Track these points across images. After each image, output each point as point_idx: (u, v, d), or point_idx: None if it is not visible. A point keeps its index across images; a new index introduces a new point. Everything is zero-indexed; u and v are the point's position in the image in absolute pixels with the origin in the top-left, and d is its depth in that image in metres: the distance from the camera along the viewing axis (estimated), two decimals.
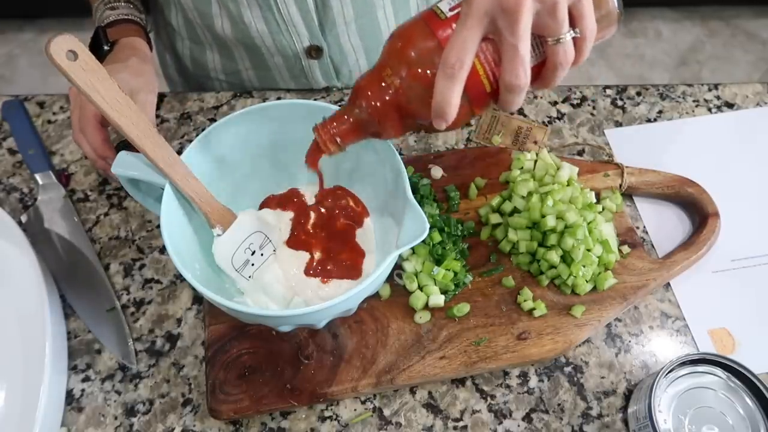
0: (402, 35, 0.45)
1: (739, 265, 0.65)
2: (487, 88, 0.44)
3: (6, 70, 2.17)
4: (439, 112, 0.43)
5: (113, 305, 0.62)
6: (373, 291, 0.54)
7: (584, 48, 0.45)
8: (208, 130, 0.56)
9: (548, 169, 0.65)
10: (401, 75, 0.44)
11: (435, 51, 0.43)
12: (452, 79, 0.42)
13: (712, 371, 0.53)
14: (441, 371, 0.56)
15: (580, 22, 0.43)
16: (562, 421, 0.56)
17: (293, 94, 0.78)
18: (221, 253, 0.56)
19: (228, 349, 0.57)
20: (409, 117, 0.47)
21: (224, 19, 0.72)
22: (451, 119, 0.44)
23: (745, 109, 0.77)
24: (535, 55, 0.44)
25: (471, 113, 0.46)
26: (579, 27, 0.43)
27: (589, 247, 0.59)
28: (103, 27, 0.71)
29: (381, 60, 0.46)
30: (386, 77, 0.45)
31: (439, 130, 0.45)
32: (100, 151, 0.64)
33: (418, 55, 0.44)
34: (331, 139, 0.48)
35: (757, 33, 2.24)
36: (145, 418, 0.57)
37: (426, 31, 0.44)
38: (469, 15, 0.41)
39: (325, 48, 0.74)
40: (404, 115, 0.46)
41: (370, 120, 0.47)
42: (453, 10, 0.44)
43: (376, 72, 0.46)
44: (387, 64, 0.45)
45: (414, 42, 0.44)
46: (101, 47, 0.70)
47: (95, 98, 0.47)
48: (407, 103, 0.45)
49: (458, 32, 0.42)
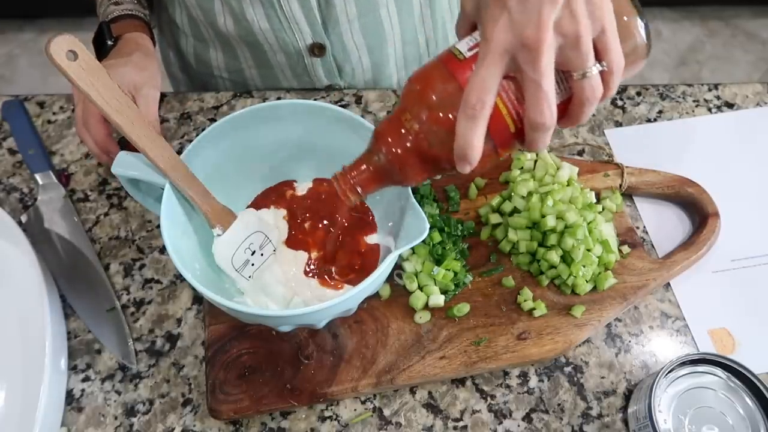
0: (420, 78, 0.44)
1: (739, 265, 0.65)
2: (511, 128, 0.42)
3: (6, 70, 2.17)
4: (462, 155, 0.41)
5: (113, 305, 0.62)
6: (373, 291, 0.54)
7: (612, 81, 0.42)
8: (208, 130, 0.56)
9: (548, 169, 0.65)
10: (421, 119, 0.43)
11: (455, 93, 0.41)
12: (474, 120, 0.40)
13: (712, 371, 0.53)
14: (441, 371, 0.56)
15: (606, 54, 0.41)
16: (562, 421, 0.56)
17: (293, 94, 0.78)
18: (221, 253, 0.56)
19: (228, 349, 0.57)
20: (431, 162, 0.45)
21: (227, 17, 0.72)
22: (475, 162, 0.42)
23: (745, 109, 0.77)
24: (560, 92, 0.42)
25: (495, 155, 0.44)
26: (605, 60, 0.41)
27: (589, 247, 0.59)
28: (107, 22, 0.71)
29: (400, 105, 0.44)
30: (405, 122, 0.43)
31: (463, 173, 0.43)
32: (102, 145, 0.65)
33: (438, 98, 0.42)
34: (352, 189, 0.47)
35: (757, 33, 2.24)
36: (145, 418, 0.57)
37: (444, 72, 0.42)
38: (488, 53, 0.40)
39: (328, 46, 0.75)
40: (426, 161, 0.45)
41: (391, 167, 0.45)
42: (471, 50, 0.42)
43: (395, 117, 0.44)
44: (406, 108, 0.44)
45: (433, 85, 0.43)
46: (105, 42, 0.70)
47: (95, 98, 0.47)
48: (429, 148, 0.43)
49: (477, 72, 0.40)
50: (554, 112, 0.41)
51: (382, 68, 0.80)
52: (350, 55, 0.77)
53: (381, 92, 0.78)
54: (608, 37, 0.41)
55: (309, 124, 0.59)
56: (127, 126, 0.49)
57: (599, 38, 0.41)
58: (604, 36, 0.41)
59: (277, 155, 0.61)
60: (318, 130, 0.59)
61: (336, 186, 0.47)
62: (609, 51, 0.41)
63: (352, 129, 0.56)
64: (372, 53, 0.78)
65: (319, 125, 0.58)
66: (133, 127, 0.49)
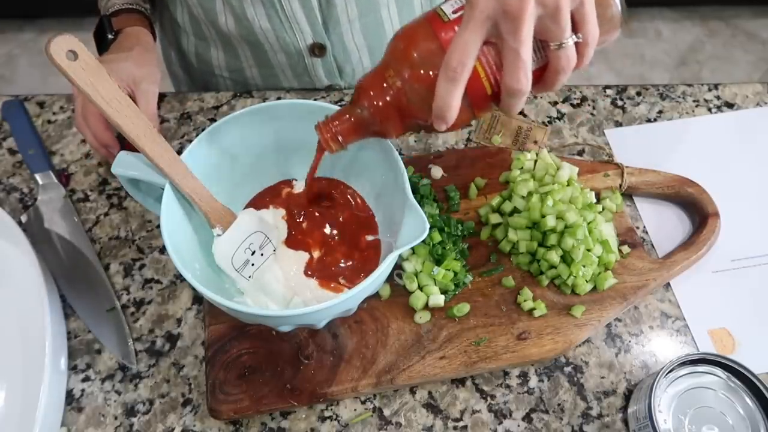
0: (405, 36, 0.45)
1: (739, 265, 0.65)
2: (488, 91, 0.45)
3: (6, 70, 2.17)
4: (440, 114, 0.43)
5: (113, 305, 0.62)
6: (373, 291, 0.54)
7: (586, 53, 0.44)
8: (208, 130, 0.56)
9: (548, 169, 0.65)
10: (403, 76, 0.45)
11: (437, 53, 0.43)
12: (453, 81, 0.42)
13: (712, 371, 0.53)
14: (441, 371, 0.56)
15: (582, 26, 0.43)
16: (562, 421, 0.56)
17: (293, 94, 0.78)
18: (221, 253, 0.56)
19: (228, 349, 0.57)
20: (410, 117, 0.47)
21: (228, 16, 0.72)
22: (451, 121, 0.44)
23: (745, 109, 0.77)
24: (536, 59, 0.44)
25: (472, 115, 0.47)
26: (581, 32, 0.43)
27: (589, 247, 0.59)
28: (108, 16, 0.71)
29: (383, 60, 0.46)
30: (388, 78, 0.45)
31: (439, 131, 0.46)
32: (102, 139, 0.65)
33: (421, 57, 0.44)
34: (333, 137, 0.49)
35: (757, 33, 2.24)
36: (145, 418, 0.57)
37: (429, 32, 0.44)
38: (472, 18, 0.41)
39: (329, 46, 0.75)
40: (405, 116, 0.47)
41: (372, 119, 0.47)
42: (456, 13, 0.44)
43: (379, 72, 0.46)
44: (389, 64, 0.46)
45: (416, 43, 0.44)
46: (105, 36, 0.70)
47: (95, 98, 0.47)
48: (408, 104, 0.45)
49: (460, 35, 0.42)
50: (530, 80, 0.43)
51: None
52: (351, 56, 0.77)
53: None
54: (586, 9, 0.42)
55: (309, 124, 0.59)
56: (127, 126, 0.49)
57: (577, 10, 0.42)
58: (582, 8, 0.42)
59: (277, 155, 0.61)
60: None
61: (318, 133, 0.49)
62: (586, 23, 0.43)
63: None
64: (372, 54, 0.78)
65: None
66: (133, 127, 0.49)
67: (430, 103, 0.44)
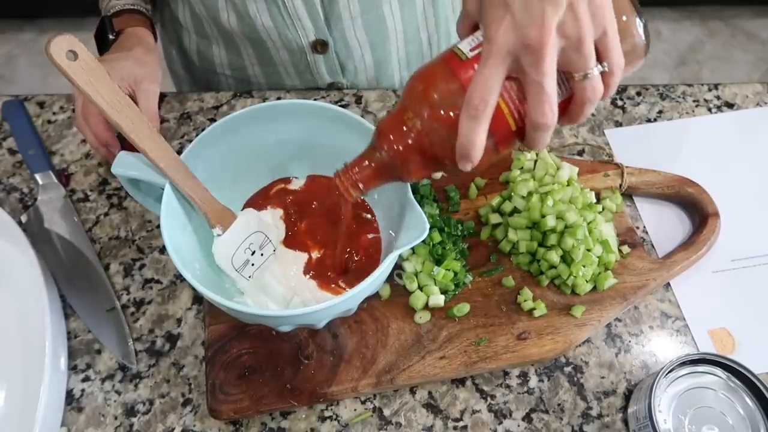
0: (422, 77, 0.44)
1: (739, 265, 0.65)
2: (512, 127, 0.43)
3: (6, 70, 2.17)
4: (464, 153, 0.42)
5: (113, 305, 0.62)
6: (373, 291, 0.54)
7: (612, 82, 0.43)
8: (208, 130, 0.56)
9: (548, 169, 0.65)
10: (423, 117, 0.43)
11: (457, 92, 0.42)
12: (476, 119, 0.41)
13: (712, 371, 0.53)
14: (441, 371, 0.56)
15: (606, 56, 0.42)
16: (562, 421, 0.56)
17: (293, 94, 0.78)
18: (221, 253, 0.56)
19: (228, 349, 0.57)
20: (432, 159, 0.45)
21: (230, 13, 0.72)
22: (476, 160, 0.43)
23: (745, 109, 0.77)
24: (561, 92, 0.43)
25: (497, 152, 0.45)
26: (606, 61, 0.42)
27: (589, 247, 0.59)
28: (109, 16, 0.71)
29: (401, 103, 0.45)
30: (408, 120, 0.44)
31: (464, 171, 0.44)
32: (102, 138, 0.65)
33: (441, 97, 0.43)
34: (354, 185, 0.47)
35: (757, 33, 2.24)
36: (145, 418, 0.57)
37: (447, 72, 0.43)
38: (491, 54, 0.40)
39: (331, 43, 0.75)
40: (428, 158, 0.45)
41: (393, 163, 0.46)
42: (473, 51, 0.43)
43: (398, 115, 0.45)
44: (408, 106, 0.44)
45: (435, 84, 0.43)
46: (107, 36, 0.70)
47: (95, 98, 0.47)
48: (430, 146, 0.44)
49: (481, 72, 0.40)
50: (555, 113, 0.41)
51: (385, 66, 0.80)
52: (353, 53, 0.77)
53: (381, 92, 0.78)
54: (609, 38, 0.41)
55: (309, 124, 0.59)
56: (127, 126, 0.49)
57: (600, 40, 0.41)
58: (606, 38, 0.41)
59: (277, 155, 0.61)
60: (318, 130, 0.59)
61: (338, 182, 0.48)
62: (610, 52, 0.41)
63: (351, 129, 0.56)
64: (374, 51, 0.78)
65: (319, 125, 0.58)
66: (133, 127, 0.49)
67: (452, 144, 0.42)
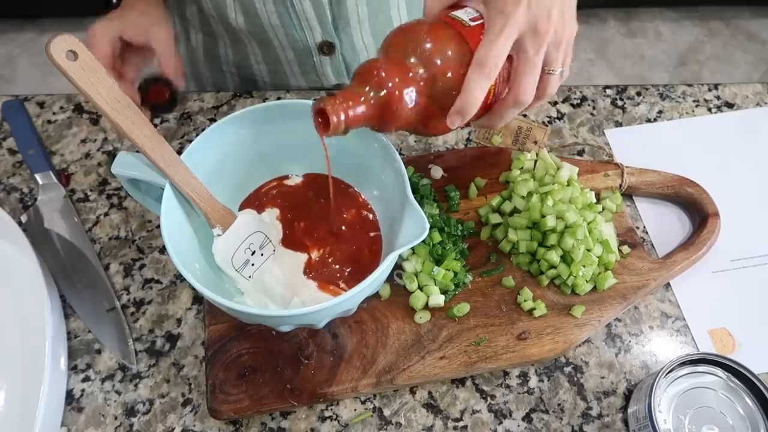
0: (430, 32, 0.47)
1: (739, 265, 0.65)
2: (488, 100, 0.47)
3: (6, 70, 2.17)
4: (465, 108, 0.46)
5: (113, 305, 0.62)
6: (373, 291, 0.54)
7: (556, 86, 0.51)
8: (208, 130, 0.56)
9: (548, 169, 0.65)
10: (430, 67, 0.46)
11: (467, 53, 0.46)
12: (488, 79, 0.45)
13: (712, 371, 0.53)
14: (441, 371, 0.56)
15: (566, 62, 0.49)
16: (562, 421, 0.56)
17: (294, 94, 0.78)
18: (221, 253, 0.56)
19: (228, 349, 0.57)
20: (423, 110, 0.47)
21: (238, 12, 0.72)
22: (469, 117, 0.47)
23: (745, 109, 0.77)
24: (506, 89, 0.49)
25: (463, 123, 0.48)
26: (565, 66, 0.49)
27: (589, 247, 0.59)
28: None
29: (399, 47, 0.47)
30: (413, 67, 0.46)
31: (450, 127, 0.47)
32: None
33: (452, 54, 0.46)
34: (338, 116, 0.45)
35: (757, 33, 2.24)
36: (145, 418, 0.57)
37: (454, 33, 0.47)
38: (509, 25, 0.45)
39: (338, 45, 0.75)
40: (419, 107, 0.47)
41: (385, 106, 0.46)
42: (475, 21, 0.47)
43: (398, 59, 0.46)
44: (409, 53, 0.46)
45: (445, 41, 0.46)
46: (110, 1, 0.69)
47: (95, 98, 0.47)
48: (429, 95, 0.46)
49: (497, 38, 0.45)
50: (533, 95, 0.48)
51: None
52: (359, 55, 0.77)
53: None
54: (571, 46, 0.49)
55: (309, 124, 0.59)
56: (127, 126, 0.49)
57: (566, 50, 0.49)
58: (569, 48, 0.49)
59: (277, 155, 0.61)
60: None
61: (327, 107, 0.45)
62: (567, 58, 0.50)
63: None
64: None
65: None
66: (133, 127, 0.49)
67: (449, 97, 0.46)
